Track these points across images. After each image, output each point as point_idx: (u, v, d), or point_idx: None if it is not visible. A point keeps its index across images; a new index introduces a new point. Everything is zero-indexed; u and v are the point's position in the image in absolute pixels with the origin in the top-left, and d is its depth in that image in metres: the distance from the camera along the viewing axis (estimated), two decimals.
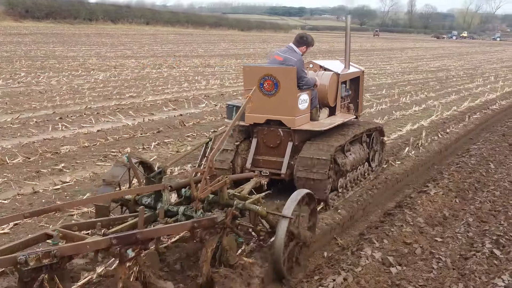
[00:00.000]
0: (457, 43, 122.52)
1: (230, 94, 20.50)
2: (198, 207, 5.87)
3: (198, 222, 5.23)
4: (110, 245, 4.46)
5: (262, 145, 8.57)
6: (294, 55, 8.56)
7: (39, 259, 4.07)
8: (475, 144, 13.58)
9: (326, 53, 55.27)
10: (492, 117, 18.46)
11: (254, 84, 8.14)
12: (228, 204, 6.10)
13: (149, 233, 4.86)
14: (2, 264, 4.19)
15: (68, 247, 4.41)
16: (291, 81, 8.10)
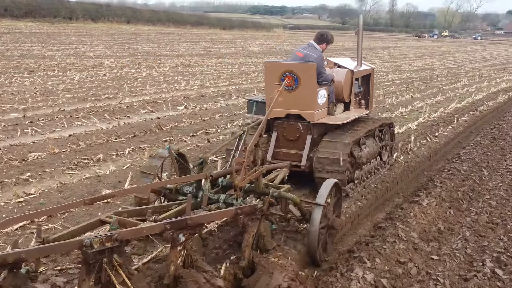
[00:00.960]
0: (438, 42, 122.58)
1: (210, 96, 19.81)
2: (239, 195, 6.25)
3: (241, 209, 5.53)
4: (163, 230, 4.76)
5: (282, 138, 8.98)
6: (314, 51, 8.99)
7: (102, 243, 4.33)
8: (466, 148, 13.04)
9: None
10: (481, 119, 17.93)
11: (275, 79, 8.49)
12: (264, 193, 6.53)
13: (198, 219, 5.05)
14: (70, 246, 4.45)
15: (128, 231, 4.64)
16: (311, 77, 8.54)
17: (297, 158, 8.75)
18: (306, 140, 8.79)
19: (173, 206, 6.00)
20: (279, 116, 8.80)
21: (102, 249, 4.35)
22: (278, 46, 63.85)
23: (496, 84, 28.94)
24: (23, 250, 4.14)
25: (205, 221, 5.46)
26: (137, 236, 4.79)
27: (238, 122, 14.69)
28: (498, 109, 20.67)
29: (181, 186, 6.64)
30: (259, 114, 8.96)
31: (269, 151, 8.91)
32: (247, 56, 44.47)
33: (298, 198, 6.57)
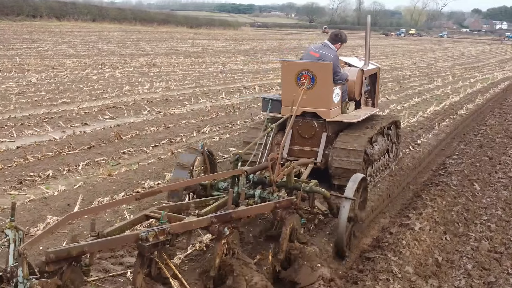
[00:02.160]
0: (405, 40, 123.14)
1: (175, 99, 18.57)
2: (275, 190, 6.48)
3: (279, 203, 5.77)
4: (210, 223, 5.00)
5: (297, 136, 9.09)
6: (329, 51, 9.11)
7: (156, 236, 4.58)
8: (451, 158, 12.06)
9: (276, 51, 53.55)
10: (461, 123, 16.98)
11: (292, 78, 8.75)
12: (295, 187, 6.76)
13: (241, 213, 5.43)
14: (127, 240, 4.64)
15: (179, 225, 4.87)
16: (327, 76, 8.67)
17: (312, 155, 8.84)
18: (322, 138, 8.95)
19: (210, 201, 6.22)
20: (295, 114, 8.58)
21: (156, 242, 4.59)
22: (246, 45, 62.83)
23: (472, 84, 28.16)
24: (86, 244, 4.35)
25: (247, 215, 5.77)
26: (187, 229, 5.11)
27: (206, 130, 13.60)
28: (477, 111, 19.77)
29: (216, 182, 6.81)
30: (274, 112, 9.21)
31: (285, 148, 8.95)
32: (214, 55, 43.35)
33: (328, 193, 6.81)
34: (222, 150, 11.66)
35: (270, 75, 28.66)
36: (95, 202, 8.02)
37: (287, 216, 5.87)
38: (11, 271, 4.12)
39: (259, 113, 16.09)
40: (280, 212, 5.79)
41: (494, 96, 24.88)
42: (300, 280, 5.61)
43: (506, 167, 11.38)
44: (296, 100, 8.24)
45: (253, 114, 15.93)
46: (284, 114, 8.84)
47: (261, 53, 49.80)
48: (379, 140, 9.57)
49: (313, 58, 9.10)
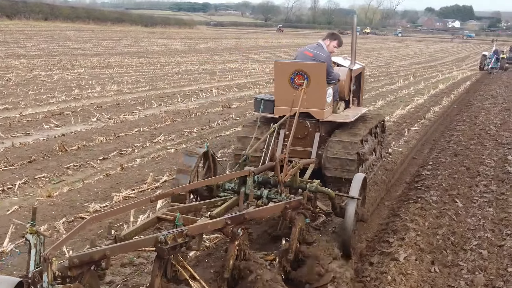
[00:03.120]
0: (360, 38, 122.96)
1: (127, 104, 17.39)
2: (283, 190, 6.45)
3: (289, 203, 5.70)
4: (225, 225, 4.95)
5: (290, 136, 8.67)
6: (323, 51, 9.24)
7: (175, 238, 4.53)
8: (426, 168, 11.18)
9: (233, 50, 52.56)
10: (430, 128, 16.17)
11: (285, 78, 8.81)
12: (300, 187, 6.73)
13: (254, 214, 5.46)
14: (146, 243, 4.53)
15: (196, 227, 4.83)
16: (321, 76, 8.73)
17: (306, 156, 8.82)
18: (315, 138, 9.03)
19: (218, 202, 6.23)
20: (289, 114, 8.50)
21: (175, 244, 4.53)
22: (202, 44, 61.82)
23: (434, 85, 27.57)
24: (107, 248, 4.26)
25: (259, 216, 6.00)
26: (204, 231, 5.08)
27: (160, 139, 12.53)
28: (444, 114, 19.00)
29: (223, 183, 6.75)
30: (266, 112, 9.16)
31: (278, 148, 8.90)
32: (170, 54, 42.19)
33: (333, 192, 6.81)
34: (177, 163, 10.61)
35: (227, 76, 27.63)
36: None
37: (297, 217, 5.86)
38: (32, 277, 3.96)
39: (217, 119, 15.11)
40: (289, 213, 5.77)
41: (459, 97, 24.25)
42: (312, 281, 5.71)
43: (486, 179, 10.53)
44: (296, 100, 8.07)
45: (211, 120, 14.90)
46: (277, 114, 8.95)
47: (218, 52, 48.78)
48: (369, 139, 9.61)
49: (307, 58, 9.22)
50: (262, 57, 45.35)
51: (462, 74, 36.70)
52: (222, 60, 39.86)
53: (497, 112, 19.12)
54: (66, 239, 4.50)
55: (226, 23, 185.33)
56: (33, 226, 4.15)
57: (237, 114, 16.47)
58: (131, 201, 8.21)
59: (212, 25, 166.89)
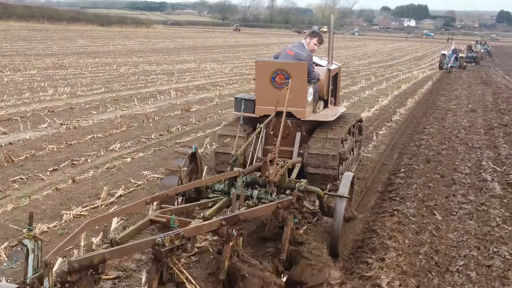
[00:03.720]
0: None
1: (81, 108, 16.46)
2: (273, 190, 6.46)
3: (281, 203, 5.79)
4: (220, 226, 4.98)
5: (271, 136, 8.82)
6: (304, 50, 9.30)
7: (172, 240, 4.45)
8: (398, 176, 10.57)
9: (190, 50, 51.74)
10: (397, 131, 15.61)
11: (266, 78, 8.81)
12: (289, 187, 6.74)
13: (247, 214, 5.53)
14: (144, 246, 4.48)
15: (192, 228, 4.83)
16: (302, 75, 8.73)
17: (287, 155, 8.80)
18: (296, 137, 9.07)
19: (209, 203, 6.22)
20: (269, 114, 8.48)
21: (172, 247, 4.45)
22: (159, 44, 60.90)
23: (396, 85, 27.25)
24: (107, 251, 4.21)
25: (253, 216, 5.97)
26: (199, 233, 5.24)
27: (115, 146, 11.75)
28: (409, 116, 18.48)
29: (212, 184, 6.75)
30: (247, 112, 9.08)
31: (259, 148, 8.72)
32: (126, 54, 41.24)
33: (322, 191, 6.84)
34: (134, 174, 9.89)
35: (186, 77, 26.81)
36: None
37: (289, 216, 5.88)
38: (31, 283, 3.94)
39: (176, 124, 14.37)
40: (281, 212, 5.80)
41: (422, 98, 23.83)
42: (307, 280, 5.61)
43: (462, 187, 9.95)
44: (281, 99, 7.90)
45: (170, 125, 14.14)
46: (258, 114, 9.01)
47: (175, 52, 47.93)
48: (348, 139, 9.62)
49: (289, 56, 9.23)
50: (220, 57, 44.66)
51: (423, 74, 36.66)
52: (180, 60, 39.05)
53: (463, 114, 18.67)
54: (66, 244, 4.37)
55: (183, 22, 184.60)
56: (30, 231, 4.06)
57: (197, 118, 15.72)
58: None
59: (169, 25, 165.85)
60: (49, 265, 3.83)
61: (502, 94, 24.75)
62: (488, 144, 13.69)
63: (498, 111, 19.49)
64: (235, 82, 26.02)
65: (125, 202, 8.29)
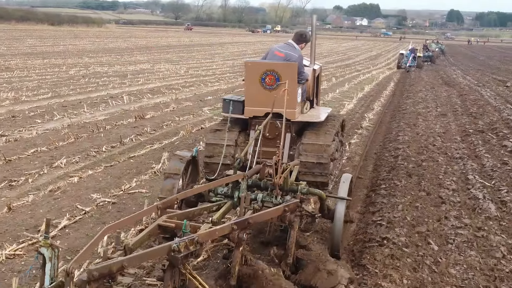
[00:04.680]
0: (272, 37, 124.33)
1: (25, 115, 14.98)
2: (278, 193, 6.36)
3: (287, 206, 5.72)
4: (231, 230, 4.93)
5: (262, 137, 8.27)
6: (295, 51, 9.13)
7: (187, 246, 4.42)
8: (380, 194, 9.47)
9: (144, 50, 50.28)
10: (369, 139, 14.54)
11: (256, 79, 8.67)
12: (291, 190, 6.58)
13: (257, 218, 5.31)
14: (160, 252, 4.42)
15: (205, 234, 4.73)
16: (292, 76, 8.59)
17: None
18: (286, 138, 8.90)
19: (214, 207, 6.17)
20: (259, 115, 8.80)
21: (187, 253, 4.43)
22: (111, 43, 59.31)
23: (359, 87, 26.30)
24: (125, 259, 4.18)
25: (262, 220, 5.64)
26: (213, 238, 5.01)
27: (61, 162, 10.45)
28: (379, 121, 17.44)
29: (215, 188, 6.61)
30: (235, 113, 9.01)
31: (249, 150, 8.28)
32: (77, 55, 39.64)
33: (324, 194, 6.75)
34: (81, 198, 8.64)
35: (139, 79, 25.37)
36: None
37: (295, 219, 5.84)
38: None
39: (130, 133, 13.10)
40: (288, 216, 5.73)
41: (388, 100, 22.91)
42: (317, 284, 5.55)
43: (453, 207, 8.87)
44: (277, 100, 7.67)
45: (123, 136, 12.85)
46: (247, 115, 8.92)
47: (128, 52, 46.43)
48: (335, 139, 9.44)
49: (278, 58, 9.04)
50: (174, 57, 43.36)
51: (382, 74, 36.11)
52: (133, 60, 37.65)
53: (434, 118, 17.66)
54: (87, 251, 4.34)
55: (136, 21, 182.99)
56: (46, 239, 3.98)
57: (153, 127, 14.40)
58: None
59: (122, 24, 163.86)
60: (70, 274, 3.84)
61: (469, 96, 23.86)
62: (469, 154, 12.71)
63: (469, 115, 18.54)
64: (192, 84, 24.65)
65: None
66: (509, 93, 26.07)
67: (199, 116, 16.53)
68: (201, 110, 17.54)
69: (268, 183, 6.57)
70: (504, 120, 17.27)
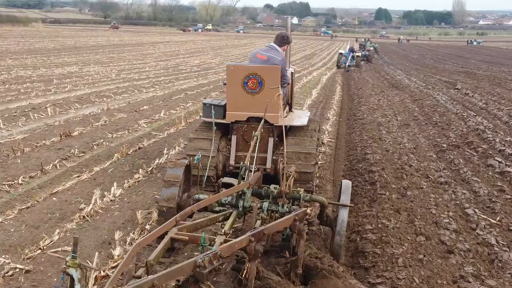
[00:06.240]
0: (204, 36, 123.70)
1: None
2: (285, 201, 6.34)
3: (297, 215, 5.50)
4: (249, 242, 4.81)
5: (242, 142, 8.83)
6: (277, 54, 8.99)
7: (211, 261, 4.33)
8: (368, 239, 7.49)
9: (72, 50, 47.67)
10: (333, 158, 12.72)
11: (238, 82, 8.45)
12: (293, 197, 6.52)
13: (271, 229, 5.21)
14: (185, 269, 4.30)
15: (226, 247, 4.65)
16: (275, 79, 8.39)
17: (261, 161, 8.55)
18: (269, 143, 8.74)
19: (220, 217, 6.14)
20: (240, 119, 8.70)
21: (212, 268, 4.35)
22: (37, 43, 56.50)
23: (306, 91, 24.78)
24: (155, 277, 4.09)
25: (275, 230, 5.48)
26: (233, 251, 4.81)
27: None
28: (336, 134, 15.63)
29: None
30: (217, 118, 8.72)
31: (231, 155, 8.81)
32: None
33: (326, 201, 6.79)
34: None
35: (66, 85, 22.88)
36: None
37: (304, 228, 5.65)
38: None
39: (53, 158, 10.94)
40: (298, 225, 5.49)
41: (340, 107, 21.30)
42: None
43: (466, 259, 6.97)
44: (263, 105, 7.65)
45: (44, 161, 10.62)
46: (229, 119, 8.71)
47: (55, 53, 43.81)
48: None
49: (260, 61, 8.85)
50: (104, 58, 41.07)
51: (324, 75, 35.25)
52: (60, 62, 35.16)
53: (397, 129, 15.83)
54: (121, 270, 4.22)
55: (64, 20, 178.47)
56: (74, 259, 3.83)
57: (81, 147, 12.09)
58: None
59: (49, 23, 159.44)
60: None
61: (424, 102, 22.20)
62: (454, 177, 10.93)
63: (434, 125, 16.82)
64: (124, 91, 22.23)
65: None
66: (463, 96, 24.74)
67: (136, 132, 14.31)
68: (137, 123, 15.24)
69: (269, 191, 6.43)
70: (475, 131, 15.66)
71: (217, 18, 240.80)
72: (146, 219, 7.98)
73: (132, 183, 9.73)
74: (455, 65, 52.15)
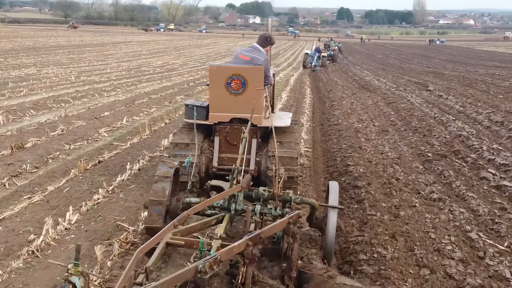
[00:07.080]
0: (167, 35, 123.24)
1: None
2: (278, 204, 6.34)
3: (291, 218, 5.51)
4: (246, 246, 4.78)
5: (225, 143, 8.84)
6: (260, 54, 8.94)
7: (211, 266, 4.28)
8: (362, 272, 6.53)
9: (30, 51, 46.17)
10: (313, 170, 11.69)
11: (221, 83, 8.43)
12: (284, 200, 6.46)
13: (266, 232, 5.22)
14: (187, 275, 4.25)
15: (225, 252, 4.63)
16: (259, 80, 8.44)
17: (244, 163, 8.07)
18: (252, 144, 8.69)
19: (212, 221, 6.05)
20: (224, 121, 8.71)
21: (213, 273, 4.31)
22: None
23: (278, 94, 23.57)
24: (158, 285, 4.03)
25: (270, 233, 5.48)
26: (231, 255, 4.81)
27: None
28: (312, 142, 14.65)
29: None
30: (199, 119, 8.73)
31: (214, 157, 8.80)
32: None
33: (316, 203, 6.78)
34: None
35: (22, 89, 21.45)
36: None
37: (298, 231, 5.69)
38: None
39: (2, 175, 9.73)
40: (291, 228, 5.48)
41: (313, 111, 20.32)
42: None
43: None
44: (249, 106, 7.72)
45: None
46: (212, 121, 8.70)
47: (12, 54, 42.33)
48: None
49: (242, 61, 8.80)
50: (64, 59, 39.74)
51: (291, 76, 34.45)
52: (18, 64, 33.73)
53: (376, 136, 14.89)
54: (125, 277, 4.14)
55: (23, 20, 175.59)
56: (77, 267, 3.84)
57: (34, 161, 10.80)
58: None
59: (7, 22, 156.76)
60: None
61: (399, 105, 21.27)
62: (447, 193, 9.96)
63: (415, 131, 15.83)
64: (84, 95, 20.81)
65: None
66: (437, 99, 23.90)
67: (95, 142, 13.05)
68: (97, 132, 13.94)
69: (259, 193, 6.40)
70: (458, 138, 14.72)
71: (179, 17, 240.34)
72: (107, 252, 6.76)
73: (91, 206, 8.46)
74: (420, 64, 51.80)
